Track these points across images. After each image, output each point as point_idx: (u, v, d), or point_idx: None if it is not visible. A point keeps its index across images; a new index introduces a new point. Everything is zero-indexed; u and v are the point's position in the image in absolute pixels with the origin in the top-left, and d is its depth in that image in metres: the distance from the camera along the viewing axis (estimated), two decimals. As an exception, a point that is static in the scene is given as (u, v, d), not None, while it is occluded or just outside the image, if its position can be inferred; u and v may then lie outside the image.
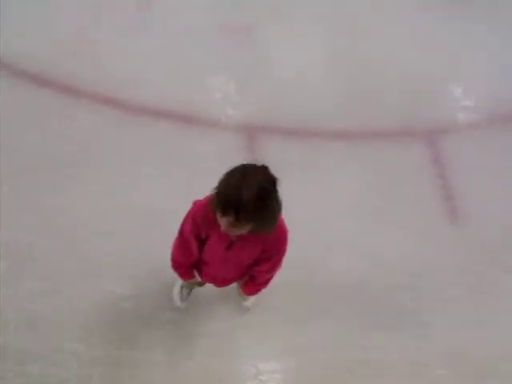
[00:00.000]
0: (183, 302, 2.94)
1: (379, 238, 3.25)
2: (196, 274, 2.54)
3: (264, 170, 1.97)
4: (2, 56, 3.49)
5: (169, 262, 2.48)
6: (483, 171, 3.64)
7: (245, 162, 2.00)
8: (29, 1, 3.83)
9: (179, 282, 2.91)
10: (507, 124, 3.89)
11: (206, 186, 2.06)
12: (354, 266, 3.15)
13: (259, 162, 2.00)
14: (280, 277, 2.53)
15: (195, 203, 2.22)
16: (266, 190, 1.94)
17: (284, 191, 1.89)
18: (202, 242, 2.30)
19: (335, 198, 3.38)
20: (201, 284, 2.78)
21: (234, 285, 2.68)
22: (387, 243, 3.24)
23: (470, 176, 3.60)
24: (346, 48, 4.00)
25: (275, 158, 3.39)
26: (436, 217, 3.44)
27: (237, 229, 2.00)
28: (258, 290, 2.55)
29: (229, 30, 3.88)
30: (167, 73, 3.61)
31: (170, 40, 3.78)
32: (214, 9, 3.99)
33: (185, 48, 3.74)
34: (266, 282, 2.49)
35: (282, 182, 2.02)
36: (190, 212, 2.23)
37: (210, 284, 2.64)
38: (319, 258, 3.11)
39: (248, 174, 1.93)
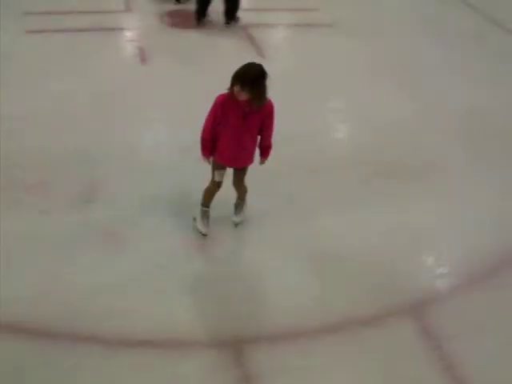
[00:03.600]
0: (207, 228, 4.09)
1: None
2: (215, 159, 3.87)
3: (260, 66, 3.57)
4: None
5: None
6: (475, 333, 3.61)
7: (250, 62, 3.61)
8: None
9: (198, 215, 4.07)
10: (486, 281, 3.96)
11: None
12: None
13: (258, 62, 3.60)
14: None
15: (218, 96, 3.65)
16: (260, 73, 3.54)
17: None
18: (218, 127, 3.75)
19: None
20: (218, 184, 3.97)
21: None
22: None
23: (464, 341, 3.56)
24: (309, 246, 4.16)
25: (264, 365, 3.37)
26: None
27: (242, 93, 3.51)
28: (269, 153, 3.96)
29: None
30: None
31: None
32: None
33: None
34: (270, 146, 3.93)
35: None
36: (216, 101, 3.65)
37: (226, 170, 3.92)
38: None
39: (251, 65, 3.57)
